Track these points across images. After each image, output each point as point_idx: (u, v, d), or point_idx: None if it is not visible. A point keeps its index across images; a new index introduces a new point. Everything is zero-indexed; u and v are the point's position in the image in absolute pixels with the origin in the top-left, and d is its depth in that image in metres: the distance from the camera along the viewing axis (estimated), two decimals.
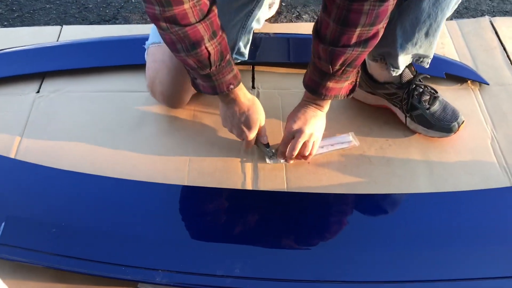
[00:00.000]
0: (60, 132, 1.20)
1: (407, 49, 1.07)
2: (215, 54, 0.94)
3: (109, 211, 1.01)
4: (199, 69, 0.96)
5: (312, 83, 1.04)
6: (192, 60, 0.94)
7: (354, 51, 0.93)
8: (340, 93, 1.04)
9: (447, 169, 1.13)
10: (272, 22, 1.58)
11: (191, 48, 0.91)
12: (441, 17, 1.01)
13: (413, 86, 1.16)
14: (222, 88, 1.01)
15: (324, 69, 0.98)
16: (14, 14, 1.63)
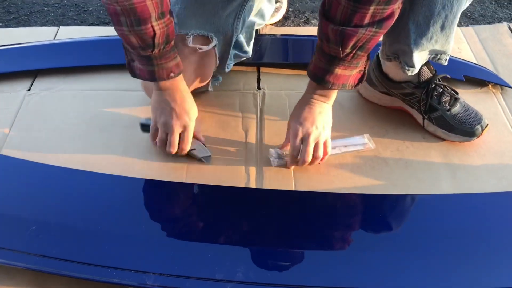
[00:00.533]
0: (49, 130, 1.11)
1: (422, 45, 0.98)
2: (161, 36, 0.88)
3: (96, 208, 0.91)
4: (140, 49, 0.88)
5: (319, 71, 0.94)
6: (134, 38, 0.87)
7: (367, 32, 0.84)
8: (348, 81, 0.94)
9: (471, 173, 1.03)
10: (279, 26, 1.51)
11: (136, 24, 0.84)
12: (457, 7, 0.93)
13: (432, 86, 1.07)
14: (162, 75, 0.93)
15: (333, 52, 0.89)
16: (11, 16, 1.57)
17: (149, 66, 0.92)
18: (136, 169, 1.02)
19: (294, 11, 1.59)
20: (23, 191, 0.94)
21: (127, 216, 0.90)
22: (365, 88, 1.18)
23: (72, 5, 1.62)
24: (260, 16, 1.26)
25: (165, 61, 0.92)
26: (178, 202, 0.94)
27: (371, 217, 0.93)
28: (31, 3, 1.63)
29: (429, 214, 0.92)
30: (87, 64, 1.28)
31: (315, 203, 0.94)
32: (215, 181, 1.00)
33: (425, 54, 1.03)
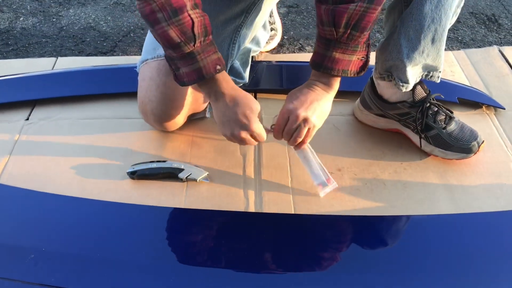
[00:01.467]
0: (47, 159, 1.11)
1: (414, 59, 1.00)
2: (199, 26, 0.88)
3: (95, 235, 0.90)
4: (182, 44, 0.88)
5: (317, 57, 0.94)
6: (174, 31, 0.87)
7: (358, 8, 0.85)
8: (349, 68, 0.93)
9: (469, 193, 1.03)
10: (274, 53, 1.53)
11: (173, 15, 0.86)
12: (445, 20, 0.96)
13: (427, 105, 1.08)
14: (208, 69, 0.92)
15: (328, 35, 0.90)
16: (9, 48, 1.59)
17: (194, 65, 0.91)
18: (135, 196, 1.02)
19: (289, 39, 1.62)
20: (21, 220, 0.93)
21: (126, 244, 0.89)
22: (361, 111, 1.19)
23: (70, 36, 1.65)
24: (255, 43, 1.29)
25: (208, 54, 0.92)
26: (178, 228, 0.94)
27: (371, 239, 0.92)
28: (29, 35, 1.65)
29: (428, 235, 0.92)
30: (84, 93, 1.29)
31: (315, 226, 0.94)
32: (214, 206, 1.00)
33: (418, 69, 1.04)
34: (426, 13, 0.94)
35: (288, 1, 1.85)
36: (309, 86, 0.97)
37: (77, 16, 1.76)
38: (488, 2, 1.86)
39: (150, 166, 1.06)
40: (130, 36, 1.65)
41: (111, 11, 1.79)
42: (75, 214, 0.96)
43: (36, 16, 1.76)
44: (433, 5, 0.93)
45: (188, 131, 1.18)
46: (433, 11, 0.93)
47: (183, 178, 1.04)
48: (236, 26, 1.11)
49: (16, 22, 1.73)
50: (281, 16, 1.74)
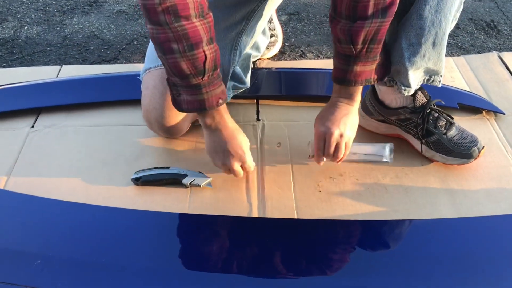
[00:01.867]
0: (52, 166, 1.12)
1: (416, 63, 1.01)
2: (210, 61, 0.90)
3: (100, 241, 0.92)
4: (190, 76, 0.90)
5: (339, 73, 0.98)
6: (186, 64, 0.88)
7: (373, 23, 0.89)
8: (371, 76, 0.97)
9: (470, 197, 1.04)
10: (276, 60, 1.55)
11: (188, 49, 0.87)
12: (445, 24, 0.97)
13: (428, 111, 1.10)
14: (211, 103, 0.94)
15: (347, 52, 0.93)
16: (14, 56, 1.61)
17: (198, 96, 0.93)
18: (139, 202, 1.03)
19: (290, 46, 1.64)
20: (27, 226, 0.94)
21: (131, 249, 0.91)
22: (362, 117, 1.20)
23: (74, 44, 1.67)
24: (255, 48, 1.30)
25: (213, 88, 0.94)
26: (182, 233, 0.95)
27: (374, 244, 0.93)
28: (34, 44, 1.67)
29: (430, 239, 0.93)
30: (89, 100, 1.30)
31: (318, 231, 0.95)
32: (217, 211, 1.01)
33: (419, 73, 1.05)
34: (426, 17, 0.95)
35: (289, 9, 1.86)
36: (333, 105, 1.02)
37: (81, 25, 1.78)
38: (487, 8, 1.87)
39: (154, 172, 1.07)
40: (133, 44, 1.67)
41: (114, 20, 1.81)
42: (80, 220, 0.97)
43: (41, 25, 1.79)
44: (433, 9, 0.94)
45: (192, 137, 1.19)
46: (433, 15, 0.95)
47: (187, 184, 1.05)
48: (237, 32, 1.13)
49: (20, 31, 1.75)
50: (282, 24, 1.76)
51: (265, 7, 1.18)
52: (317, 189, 1.06)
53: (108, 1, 1.95)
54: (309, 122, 1.22)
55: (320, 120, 1.02)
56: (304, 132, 1.20)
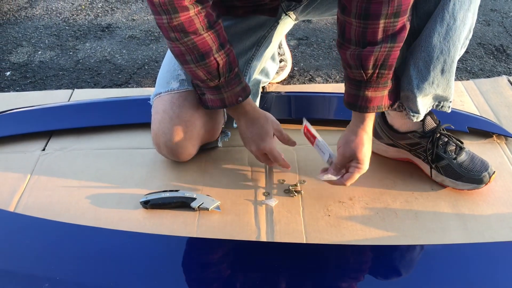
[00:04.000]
0: (62, 188, 1.13)
1: (424, 90, 1.01)
2: (224, 66, 0.97)
3: (108, 264, 0.91)
4: (208, 81, 0.98)
5: (350, 98, 0.99)
6: (201, 72, 0.97)
7: (383, 48, 0.89)
8: (383, 103, 0.98)
9: (481, 222, 1.02)
10: (285, 84, 1.56)
11: (200, 59, 0.95)
12: (454, 51, 0.97)
13: (437, 135, 1.09)
14: (231, 100, 1.02)
15: (358, 77, 0.94)
16: (27, 80, 1.64)
17: (219, 95, 1.02)
18: (148, 225, 1.03)
19: (299, 70, 1.65)
20: (36, 249, 0.94)
21: (139, 273, 0.90)
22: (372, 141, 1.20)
23: (86, 69, 1.70)
24: (264, 74, 1.32)
25: (232, 87, 1.01)
26: (190, 257, 0.94)
27: (383, 269, 0.92)
28: (47, 68, 1.71)
29: (441, 264, 0.91)
30: (99, 124, 1.32)
31: (327, 256, 0.94)
32: (226, 235, 1.00)
33: (428, 99, 1.05)
34: (435, 44, 0.95)
35: (298, 34, 1.89)
36: (354, 133, 1.01)
37: (93, 50, 1.82)
38: (496, 33, 1.88)
39: (162, 196, 1.07)
40: (144, 68, 1.69)
41: (126, 45, 1.85)
42: (89, 243, 0.97)
43: (54, 50, 1.82)
44: (441, 36, 0.95)
45: (200, 161, 1.19)
46: (442, 43, 0.95)
47: (195, 208, 1.05)
48: (247, 58, 1.14)
49: (34, 55, 1.79)
50: (292, 48, 1.78)
51: (274, 33, 1.20)
52: (326, 213, 1.05)
53: (120, 26, 1.99)
54: None
55: (345, 145, 1.02)
56: (312, 156, 1.20)
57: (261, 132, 1.08)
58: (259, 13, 1.15)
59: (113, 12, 2.10)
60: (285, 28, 1.25)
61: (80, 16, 2.08)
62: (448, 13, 0.92)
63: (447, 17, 0.93)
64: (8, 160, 1.22)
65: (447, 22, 0.93)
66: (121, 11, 2.11)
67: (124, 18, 2.05)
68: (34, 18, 2.08)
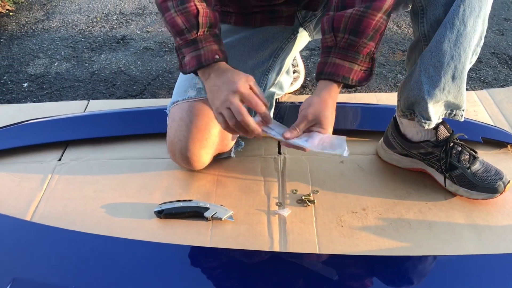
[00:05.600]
0: (78, 198, 1.15)
1: (435, 96, 1.01)
2: (204, 16, 0.96)
3: (122, 273, 0.92)
4: (186, 30, 0.96)
5: (320, 66, 0.95)
6: (180, 18, 0.96)
7: (355, 11, 0.90)
8: (351, 75, 0.92)
9: (496, 233, 1.02)
10: (297, 94, 1.57)
11: (180, 3, 0.96)
12: (464, 58, 0.97)
13: (450, 145, 1.09)
14: (208, 57, 0.95)
15: (329, 42, 0.94)
16: (44, 92, 1.67)
17: (196, 51, 0.96)
18: (162, 235, 1.04)
19: (311, 80, 1.66)
20: (51, 258, 0.96)
21: (153, 282, 0.91)
22: (384, 151, 1.20)
23: (102, 80, 1.72)
24: (279, 87, 1.33)
25: (209, 43, 0.97)
26: (203, 267, 0.95)
27: (398, 280, 0.91)
28: (63, 79, 1.74)
29: (456, 276, 0.91)
30: (114, 134, 1.34)
31: (341, 266, 0.94)
32: (239, 245, 1.01)
33: (440, 107, 1.05)
34: (445, 50, 0.96)
35: (310, 45, 1.90)
36: (319, 96, 0.95)
37: (108, 61, 1.85)
38: (510, 42, 1.87)
39: (176, 205, 1.08)
40: (159, 79, 1.71)
41: (140, 56, 1.87)
42: (104, 252, 0.98)
43: (70, 62, 1.85)
44: (452, 42, 0.95)
45: (214, 171, 1.20)
46: (452, 49, 0.95)
47: (209, 217, 1.06)
48: (264, 69, 1.15)
49: (51, 67, 1.82)
50: (304, 59, 1.79)
51: (291, 46, 1.21)
52: (339, 224, 1.05)
53: (135, 38, 2.02)
54: (329, 156, 1.23)
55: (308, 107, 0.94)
56: (325, 166, 1.20)
57: (232, 77, 0.93)
58: (276, 22, 1.16)
59: (127, 24, 2.14)
60: (301, 42, 1.26)
61: (95, 28, 2.12)
62: (458, 19, 0.93)
63: (457, 23, 0.93)
64: (25, 170, 1.24)
65: (457, 28, 0.93)
66: (136, 23, 2.15)
67: (139, 30, 2.08)
68: (50, 30, 2.12)
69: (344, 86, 0.95)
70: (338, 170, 1.20)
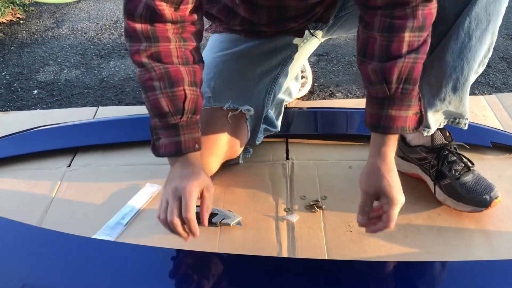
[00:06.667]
0: (86, 204, 1.15)
1: (436, 105, 1.00)
2: (191, 102, 0.91)
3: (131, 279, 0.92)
4: (169, 115, 0.89)
5: (373, 118, 0.90)
6: (165, 101, 0.89)
7: (407, 59, 0.84)
8: (407, 124, 0.88)
9: (507, 239, 1.01)
10: (305, 100, 1.57)
11: (169, 86, 0.89)
12: (468, 70, 0.94)
13: (445, 153, 1.07)
14: (188, 145, 0.91)
15: (380, 94, 0.88)
16: (53, 99, 1.68)
17: (176, 137, 0.91)
18: (170, 240, 1.04)
19: (319, 86, 1.66)
20: (61, 263, 0.96)
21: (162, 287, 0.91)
22: None
23: (111, 87, 1.74)
24: (288, 94, 1.33)
25: (192, 131, 0.92)
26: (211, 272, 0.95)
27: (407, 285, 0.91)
28: (72, 86, 1.75)
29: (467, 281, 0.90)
30: (123, 140, 1.35)
31: (350, 272, 0.93)
32: (247, 251, 1.00)
33: (440, 115, 1.04)
34: (448, 61, 0.94)
35: (318, 50, 1.90)
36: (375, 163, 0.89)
37: (117, 68, 1.86)
38: None
39: None
40: None
41: None
42: (113, 258, 0.99)
43: (79, 69, 1.87)
44: (455, 54, 0.93)
45: (222, 177, 1.20)
46: (455, 61, 0.93)
47: (217, 223, 1.06)
48: (273, 77, 1.15)
49: (60, 74, 1.84)
50: (312, 64, 1.79)
51: (300, 53, 1.21)
52: (348, 229, 1.05)
53: None
54: (338, 161, 1.23)
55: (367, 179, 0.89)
56: (334, 171, 1.20)
57: (193, 173, 0.90)
58: (286, 34, 1.16)
59: None
60: (311, 47, 1.26)
61: (104, 35, 2.14)
62: (463, 31, 0.90)
63: (462, 35, 0.91)
64: (35, 176, 1.25)
65: (461, 40, 0.91)
66: None
67: None
68: (60, 38, 2.14)
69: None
70: (346, 176, 1.19)
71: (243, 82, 1.14)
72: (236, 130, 1.13)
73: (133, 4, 0.87)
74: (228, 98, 1.12)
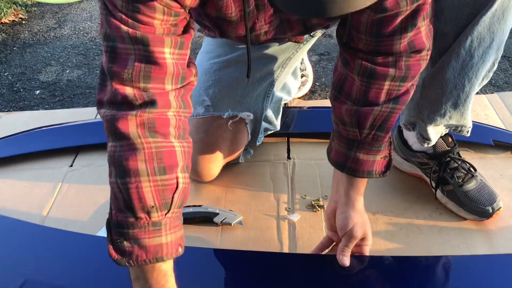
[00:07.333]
0: (88, 203, 1.16)
1: (436, 120, 0.98)
2: (181, 194, 0.72)
3: None
4: (154, 210, 0.69)
5: (340, 157, 0.89)
6: (152, 192, 0.69)
7: (384, 109, 0.82)
8: (374, 168, 0.87)
9: (508, 239, 1.00)
10: (306, 99, 1.57)
11: (159, 172, 0.69)
12: (469, 88, 0.91)
13: (447, 159, 1.06)
14: (171, 249, 0.71)
15: (351, 135, 0.86)
16: (55, 99, 1.69)
17: (155, 239, 0.70)
18: None
19: (320, 85, 1.66)
20: (64, 261, 0.97)
21: None
22: None
23: None
24: (286, 92, 1.32)
25: (176, 229, 0.73)
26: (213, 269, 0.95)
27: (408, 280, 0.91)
28: (74, 86, 1.76)
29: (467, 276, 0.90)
30: None
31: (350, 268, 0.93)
32: (248, 249, 1.01)
33: (440, 128, 1.02)
34: (448, 78, 0.90)
35: (319, 49, 1.90)
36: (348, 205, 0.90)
37: None
38: None
39: (185, 211, 1.08)
40: None
41: None
42: None
43: (81, 69, 1.88)
44: (456, 72, 0.89)
45: (223, 176, 1.20)
46: (456, 78, 0.90)
47: (218, 223, 1.06)
48: (271, 81, 1.15)
49: (62, 74, 1.84)
50: (313, 64, 1.79)
51: (300, 53, 1.21)
52: None
53: None
54: None
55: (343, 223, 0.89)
56: None
57: None
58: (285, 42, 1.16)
59: None
60: (310, 45, 1.26)
61: None
62: (465, 50, 0.86)
63: (463, 53, 0.87)
64: (37, 176, 1.26)
65: (462, 58, 0.87)
66: None
67: None
68: (62, 38, 2.15)
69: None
70: None
71: (242, 88, 1.14)
72: (236, 135, 1.13)
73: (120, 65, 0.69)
74: (227, 106, 1.13)
